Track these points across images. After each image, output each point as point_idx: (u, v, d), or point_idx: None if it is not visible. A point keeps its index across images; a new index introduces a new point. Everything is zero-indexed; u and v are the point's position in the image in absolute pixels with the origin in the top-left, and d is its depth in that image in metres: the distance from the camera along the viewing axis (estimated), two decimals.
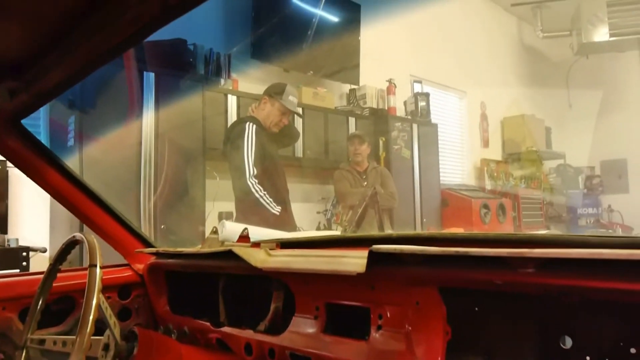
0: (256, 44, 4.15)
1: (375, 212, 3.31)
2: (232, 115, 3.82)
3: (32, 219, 3.26)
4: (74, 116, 3.15)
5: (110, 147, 3.11)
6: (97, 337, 1.04)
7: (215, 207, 3.64)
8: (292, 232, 3.15)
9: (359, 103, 5.10)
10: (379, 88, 5.25)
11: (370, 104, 5.11)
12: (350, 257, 0.94)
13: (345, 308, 1.05)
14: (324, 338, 1.06)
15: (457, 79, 6.63)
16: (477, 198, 5.78)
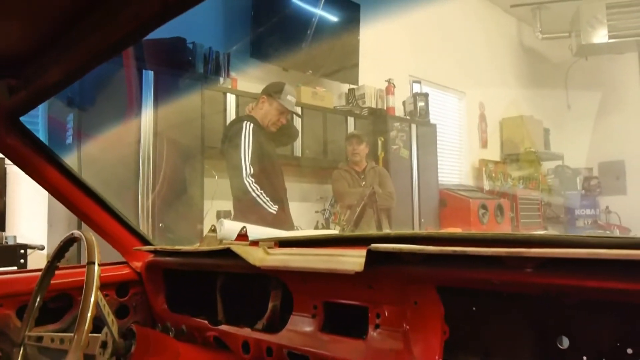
0: (255, 43, 4.15)
1: (374, 211, 3.31)
2: (231, 114, 3.82)
3: (30, 217, 3.25)
4: (73, 114, 3.15)
5: (108, 145, 3.11)
6: (94, 335, 1.04)
7: (213, 205, 3.64)
8: (290, 231, 3.15)
9: (358, 103, 5.10)
10: (378, 88, 5.25)
11: (369, 104, 5.11)
12: (349, 256, 0.94)
13: (343, 307, 1.05)
14: (322, 337, 1.06)
15: (456, 80, 6.63)
16: (475, 198, 5.79)
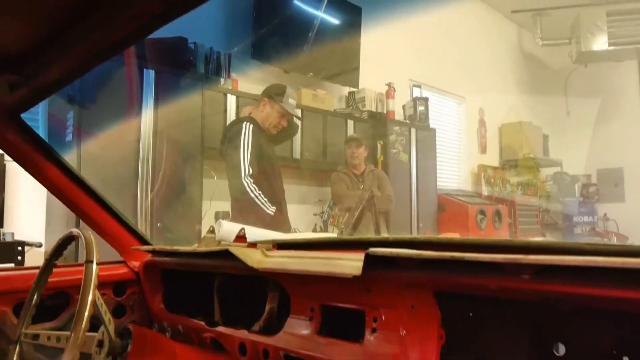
0: (257, 44, 4.16)
1: (372, 215, 3.32)
2: (231, 114, 3.83)
3: (28, 213, 3.24)
4: (73, 111, 3.15)
5: (108, 143, 3.11)
6: (91, 334, 1.04)
7: (212, 206, 3.64)
8: (288, 233, 3.15)
9: (358, 106, 5.11)
10: (378, 91, 5.26)
11: (369, 107, 5.12)
12: (347, 260, 0.94)
13: (340, 310, 1.05)
14: (319, 340, 1.06)
15: (456, 85, 6.65)
16: (474, 204, 5.80)
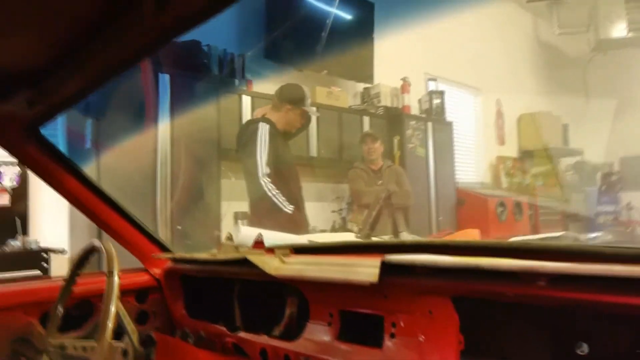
0: (269, 44, 4.16)
1: (389, 214, 3.31)
2: (247, 115, 3.84)
3: (51, 221, 3.31)
4: (91, 122, 3.19)
5: (127, 152, 3.14)
6: (116, 343, 1.06)
7: (230, 206, 3.66)
8: (306, 232, 3.15)
9: (373, 102, 5.09)
10: (393, 86, 5.23)
11: (385, 103, 5.09)
12: (364, 267, 0.95)
13: (359, 315, 1.06)
14: (339, 345, 1.07)
15: (472, 76, 6.57)
16: (493, 196, 5.73)
